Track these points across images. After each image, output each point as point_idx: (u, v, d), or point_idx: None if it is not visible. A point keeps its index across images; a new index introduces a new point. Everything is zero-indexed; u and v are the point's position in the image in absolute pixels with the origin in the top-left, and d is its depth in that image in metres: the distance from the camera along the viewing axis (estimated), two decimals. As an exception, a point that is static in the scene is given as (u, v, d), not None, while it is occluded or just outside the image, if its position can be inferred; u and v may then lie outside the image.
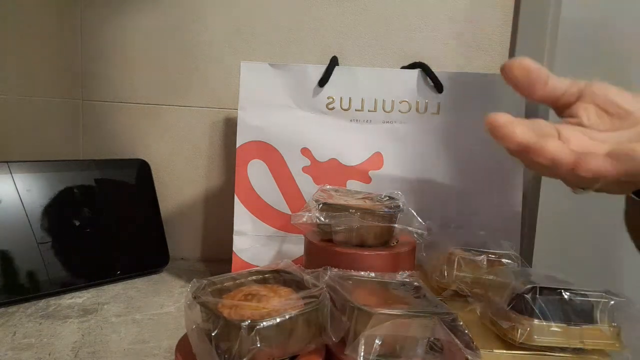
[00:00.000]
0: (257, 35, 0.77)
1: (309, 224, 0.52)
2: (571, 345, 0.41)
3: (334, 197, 0.55)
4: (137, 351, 0.48)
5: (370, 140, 0.68)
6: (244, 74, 0.66)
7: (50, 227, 0.62)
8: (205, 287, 0.37)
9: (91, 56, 0.78)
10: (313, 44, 0.77)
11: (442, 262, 0.56)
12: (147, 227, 0.73)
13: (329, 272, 0.41)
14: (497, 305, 0.45)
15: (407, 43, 0.77)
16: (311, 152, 0.67)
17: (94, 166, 0.69)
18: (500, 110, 0.75)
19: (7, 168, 0.60)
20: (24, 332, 0.50)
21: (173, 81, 0.78)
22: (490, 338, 0.43)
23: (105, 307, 0.58)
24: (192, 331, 0.34)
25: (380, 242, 0.52)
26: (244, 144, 0.67)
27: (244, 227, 0.66)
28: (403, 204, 0.53)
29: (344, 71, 0.68)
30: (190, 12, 0.76)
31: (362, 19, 0.77)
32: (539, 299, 0.42)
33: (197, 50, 0.77)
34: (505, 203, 0.68)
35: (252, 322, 0.32)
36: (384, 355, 0.35)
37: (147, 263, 0.71)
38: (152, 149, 0.78)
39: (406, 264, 0.53)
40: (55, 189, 0.63)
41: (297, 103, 0.67)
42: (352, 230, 0.50)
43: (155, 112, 0.78)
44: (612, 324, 0.42)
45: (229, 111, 0.78)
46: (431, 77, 0.67)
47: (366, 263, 0.49)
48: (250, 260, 0.66)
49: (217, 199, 0.79)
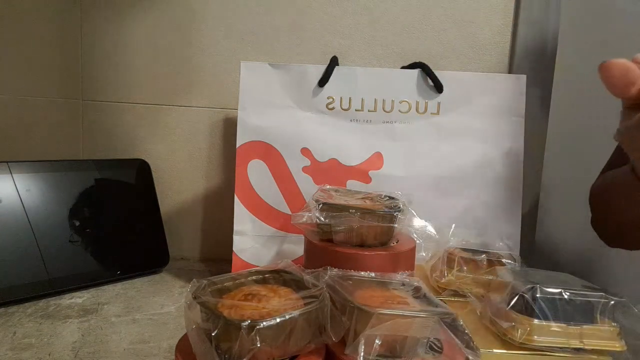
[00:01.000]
0: (257, 35, 0.77)
1: (308, 224, 0.52)
2: (571, 345, 0.41)
3: (334, 197, 0.55)
4: (137, 351, 0.48)
5: (370, 140, 0.68)
6: (244, 74, 0.66)
7: (50, 227, 0.62)
8: (205, 287, 0.37)
9: (91, 56, 0.78)
10: (313, 44, 0.77)
11: (442, 262, 0.56)
12: (147, 227, 0.73)
13: (329, 272, 0.41)
14: (497, 305, 0.45)
15: (407, 43, 0.77)
16: (311, 152, 0.67)
17: (94, 166, 0.69)
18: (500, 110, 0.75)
19: (7, 168, 0.60)
20: (24, 332, 0.50)
21: (173, 81, 0.78)
22: (490, 338, 0.43)
23: (105, 307, 0.58)
24: (192, 331, 0.34)
25: (380, 242, 0.52)
26: (244, 144, 0.67)
27: (244, 227, 0.66)
28: (403, 204, 0.53)
29: (344, 71, 0.68)
30: (190, 12, 0.76)
31: (362, 19, 0.77)
32: (539, 299, 0.42)
33: (197, 51, 0.77)
34: (505, 203, 0.68)
35: (252, 322, 0.32)
36: (384, 355, 0.35)
37: (147, 263, 0.71)
38: (152, 149, 0.78)
39: (406, 264, 0.53)
40: (55, 189, 0.63)
41: (297, 103, 0.67)
42: (352, 230, 0.50)
43: (155, 112, 0.78)
44: (612, 324, 0.42)
45: (229, 111, 0.78)
46: (431, 77, 0.67)
47: (366, 263, 0.49)
48: (250, 260, 0.66)
49: (217, 199, 0.79)
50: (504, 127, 0.69)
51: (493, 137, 0.69)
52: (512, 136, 0.69)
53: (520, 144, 0.68)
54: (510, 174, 0.68)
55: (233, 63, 0.76)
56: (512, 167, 0.68)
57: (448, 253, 0.56)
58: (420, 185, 0.67)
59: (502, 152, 0.69)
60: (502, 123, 0.69)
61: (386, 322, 0.34)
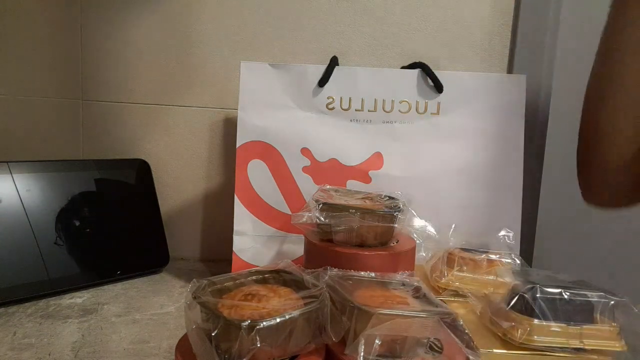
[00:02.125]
0: (257, 35, 0.77)
1: (308, 224, 0.52)
2: (571, 345, 0.41)
3: (334, 197, 0.55)
4: (137, 351, 0.48)
5: (370, 140, 0.68)
6: (244, 74, 0.66)
7: (50, 227, 0.62)
8: (205, 287, 0.37)
9: (91, 56, 0.78)
10: (313, 44, 0.77)
11: (442, 262, 0.56)
12: (147, 227, 0.73)
13: (329, 272, 0.41)
14: (497, 305, 0.45)
15: (407, 43, 0.77)
16: (311, 152, 0.67)
17: (94, 166, 0.69)
18: (500, 110, 0.75)
19: (7, 168, 0.60)
20: (24, 332, 0.50)
21: (173, 81, 0.78)
22: (490, 338, 0.43)
23: (105, 307, 0.58)
24: (192, 331, 0.34)
25: (380, 242, 0.52)
26: (244, 144, 0.67)
27: (244, 227, 0.66)
28: (403, 204, 0.53)
29: (344, 71, 0.68)
30: (190, 12, 0.76)
31: (362, 19, 0.77)
32: (539, 299, 0.42)
33: (197, 50, 0.77)
34: (505, 203, 0.68)
35: (252, 322, 0.32)
36: (384, 355, 0.35)
37: (147, 263, 0.71)
38: (152, 149, 0.78)
39: (406, 264, 0.53)
40: (55, 189, 0.63)
41: (297, 103, 0.67)
42: (352, 230, 0.50)
43: (155, 112, 0.78)
44: (612, 324, 0.42)
45: (229, 111, 0.78)
46: (431, 77, 0.67)
47: (366, 263, 0.49)
48: (250, 260, 0.66)
49: (217, 199, 0.79)
50: (504, 127, 0.69)
51: (493, 137, 0.68)
52: (512, 136, 0.68)
53: (520, 144, 0.68)
54: (510, 174, 0.68)
55: (233, 63, 0.76)
56: (512, 167, 0.68)
57: (448, 253, 0.56)
58: (420, 185, 0.67)
59: (502, 152, 0.68)
60: (502, 123, 0.69)
61: (386, 322, 0.34)
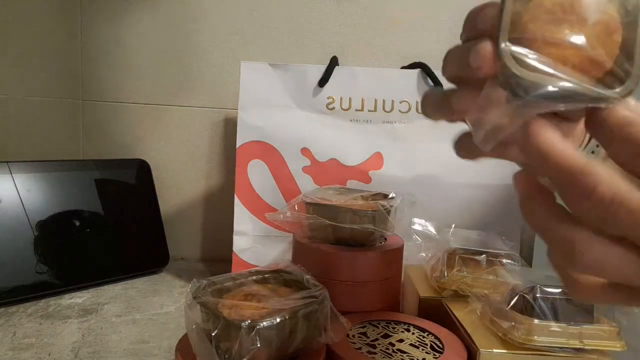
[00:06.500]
0: (257, 35, 0.77)
1: (289, 222, 0.53)
2: (571, 345, 0.41)
3: (329, 194, 0.55)
4: (137, 351, 0.48)
5: (370, 140, 0.68)
6: (244, 74, 0.66)
7: (50, 227, 0.62)
8: (205, 287, 0.37)
9: (91, 56, 0.78)
10: (313, 44, 0.77)
11: (442, 262, 0.55)
12: (147, 227, 0.73)
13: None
14: (497, 305, 0.45)
15: (407, 43, 0.77)
16: (311, 152, 0.67)
17: (94, 166, 0.69)
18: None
19: (7, 168, 0.60)
20: (24, 332, 0.50)
21: (173, 81, 0.78)
22: (490, 338, 0.43)
23: (105, 307, 0.58)
24: (192, 331, 0.34)
25: (359, 242, 0.52)
26: (244, 144, 0.66)
27: (244, 227, 0.66)
28: (391, 206, 0.53)
29: (344, 71, 0.67)
30: (190, 12, 0.76)
31: (362, 19, 0.77)
32: (539, 299, 0.42)
33: (197, 50, 0.77)
34: (505, 203, 0.68)
35: (252, 322, 0.32)
36: None
37: (147, 263, 0.71)
38: (152, 149, 0.78)
39: (393, 263, 0.53)
40: (55, 189, 0.63)
41: (297, 103, 0.67)
42: (328, 228, 0.51)
43: (155, 112, 0.78)
44: (612, 324, 0.42)
45: (229, 111, 0.78)
46: (431, 77, 0.67)
47: (349, 262, 0.50)
48: (250, 260, 0.66)
49: (217, 199, 0.79)
50: (504, 127, 0.68)
51: (493, 137, 0.68)
52: (512, 136, 0.68)
53: (520, 144, 0.68)
54: (510, 173, 0.68)
55: (233, 63, 0.76)
56: (512, 167, 0.68)
57: (448, 253, 0.56)
58: (420, 185, 0.67)
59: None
60: (502, 123, 0.68)
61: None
